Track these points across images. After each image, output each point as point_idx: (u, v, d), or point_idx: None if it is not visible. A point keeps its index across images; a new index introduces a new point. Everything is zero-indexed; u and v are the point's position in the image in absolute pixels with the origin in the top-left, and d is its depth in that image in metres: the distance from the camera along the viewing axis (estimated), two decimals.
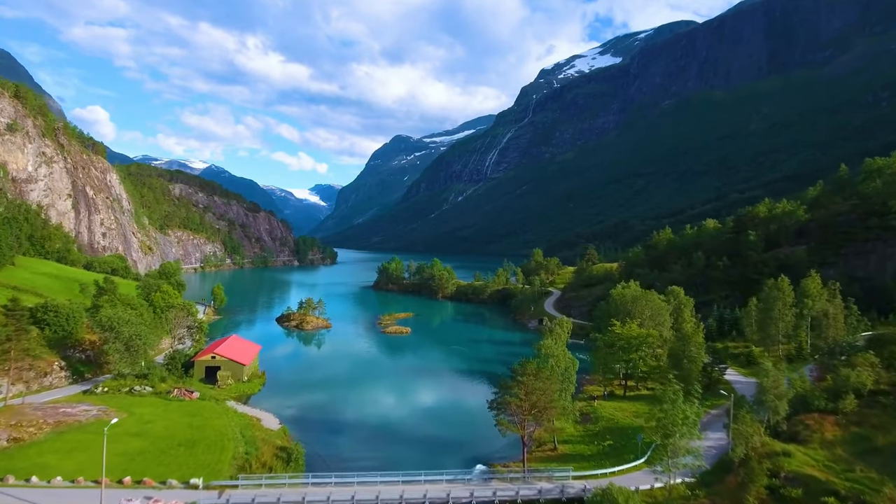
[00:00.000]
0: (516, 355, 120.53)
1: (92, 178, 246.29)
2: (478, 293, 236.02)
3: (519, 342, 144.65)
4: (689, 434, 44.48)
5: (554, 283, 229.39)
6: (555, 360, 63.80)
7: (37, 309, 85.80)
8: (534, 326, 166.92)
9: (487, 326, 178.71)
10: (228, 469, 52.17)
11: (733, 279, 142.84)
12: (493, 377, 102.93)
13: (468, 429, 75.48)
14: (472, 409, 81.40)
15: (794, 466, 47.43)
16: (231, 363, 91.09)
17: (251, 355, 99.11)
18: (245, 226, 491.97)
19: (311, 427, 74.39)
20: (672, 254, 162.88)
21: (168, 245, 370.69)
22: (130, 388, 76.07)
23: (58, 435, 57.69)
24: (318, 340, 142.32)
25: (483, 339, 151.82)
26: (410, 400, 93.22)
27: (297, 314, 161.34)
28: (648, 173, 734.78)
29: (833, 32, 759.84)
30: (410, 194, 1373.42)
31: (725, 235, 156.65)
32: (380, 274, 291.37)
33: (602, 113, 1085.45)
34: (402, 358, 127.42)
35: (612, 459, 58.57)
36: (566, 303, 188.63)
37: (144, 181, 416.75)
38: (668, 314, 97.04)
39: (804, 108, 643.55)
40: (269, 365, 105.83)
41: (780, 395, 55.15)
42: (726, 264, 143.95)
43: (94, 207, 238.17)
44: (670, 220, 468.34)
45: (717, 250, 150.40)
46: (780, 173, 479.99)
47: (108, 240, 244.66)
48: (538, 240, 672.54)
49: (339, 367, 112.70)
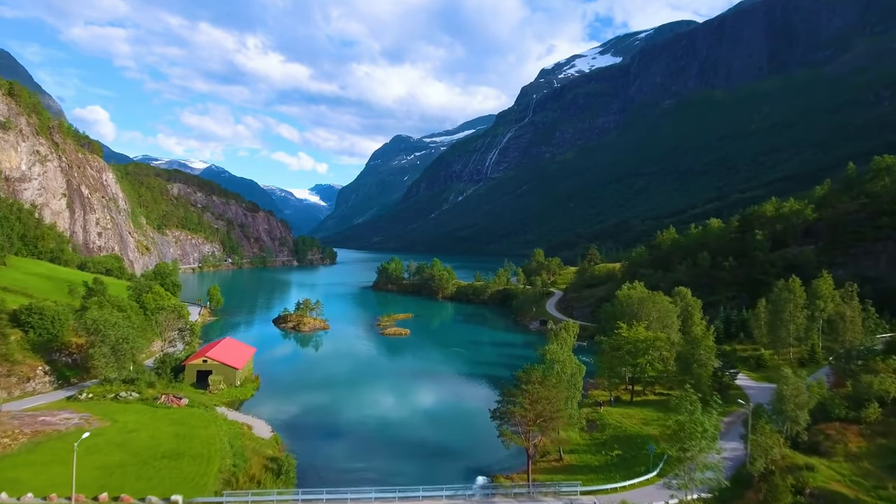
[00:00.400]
0: (518, 357, 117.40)
1: (87, 178, 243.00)
2: (478, 294, 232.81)
3: (520, 344, 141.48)
4: (707, 448, 41.23)
5: (555, 283, 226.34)
6: (560, 365, 60.54)
7: (21, 311, 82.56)
8: (535, 328, 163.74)
9: (488, 327, 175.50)
10: (214, 483, 48.90)
11: (739, 280, 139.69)
12: (494, 380, 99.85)
13: (469, 436, 72.27)
14: (474, 414, 78.15)
15: (820, 482, 44.23)
16: (223, 367, 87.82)
17: (245, 358, 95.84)
18: (244, 226, 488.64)
19: (305, 434, 71.17)
20: (676, 254, 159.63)
21: (166, 245, 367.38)
22: (116, 395, 72.80)
23: (34, 446, 54.43)
24: (314, 342, 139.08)
25: (484, 341, 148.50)
26: (409, 405, 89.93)
27: (294, 315, 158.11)
28: (649, 173, 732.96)
29: (834, 32, 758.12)
30: (410, 194, 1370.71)
31: (731, 235, 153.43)
32: (379, 274, 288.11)
33: (602, 113, 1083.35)
34: (401, 360, 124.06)
35: (621, 472, 55.29)
36: (568, 304, 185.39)
37: (142, 181, 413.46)
38: (676, 316, 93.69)
39: (805, 107, 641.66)
40: (264, 368, 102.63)
41: (800, 404, 51.89)
42: (732, 264, 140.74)
43: (90, 207, 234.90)
44: (671, 219, 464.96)
45: (723, 250, 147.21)
46: (782, 173, 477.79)
47: (104, 240, 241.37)
48: (538, 240, 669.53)
49: (336, 370, 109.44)
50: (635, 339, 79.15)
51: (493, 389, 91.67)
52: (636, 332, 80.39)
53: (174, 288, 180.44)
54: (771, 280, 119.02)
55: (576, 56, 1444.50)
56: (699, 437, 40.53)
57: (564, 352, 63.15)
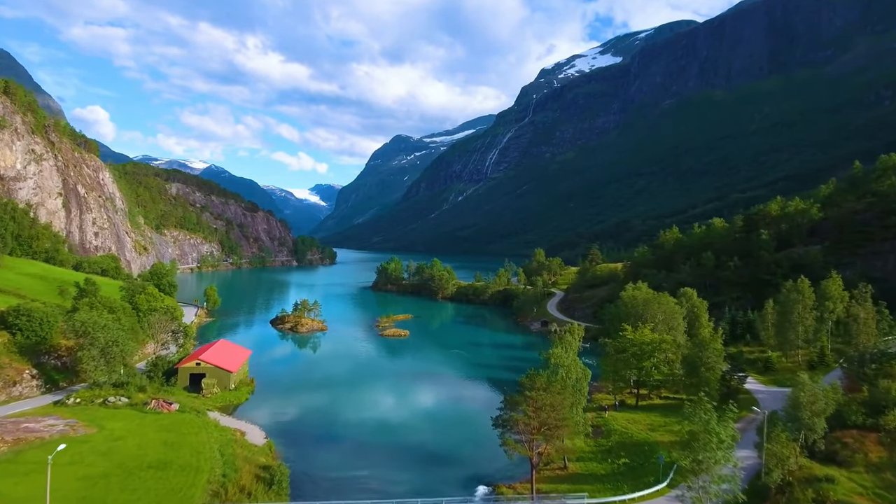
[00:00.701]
0: (519, 360, 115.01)
1: (84, 177, 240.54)
2: (478, 294, 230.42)
3: (521, 345, 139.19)
4: (723, 459, 38.83)
5: (557, 283, 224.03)
6: (565, 370, 58.14)
7: (8, 313, 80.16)
8: (536, 329, 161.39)
9: (489, 329, 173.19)
10: (201, 496, 46.51)
11: (744, 280, 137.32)
12: (496, 383, 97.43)
13: (470, 441, 69.87)
14: (475, 419, 75.71)
15: (841, 495, 41.87)
16: (217, 370, 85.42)
17: (240, 361, 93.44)
18: (243, 225, 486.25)
19: (301, 440, 68.82)
20: (680, 254, 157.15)
21: (164, 245, 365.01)
22: (104, 400, 70.39)
23: (15, 454, 52.03)
24: (312, 344, 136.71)
25: (484, 343, 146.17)
26: (408, 409, 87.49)
27: (292, 316, 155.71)
28: (649, 173, 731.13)
29: (834, 32, 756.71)
30: (410, 194, 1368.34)
31: (735, 235, 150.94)
32: (378, 275, 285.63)
33: (602, 112, 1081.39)
34: (400, 362, 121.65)
35: (629, 481, 52.93)
36: (569, 304, 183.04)
37: (141, 180, 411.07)
38: (682, 318, 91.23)
39: (805, 107, 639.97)
40: (259, 371, 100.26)
41: (817, 411, 49.49)
42: (737, 265, 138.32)
43: (86, 206, 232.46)
44: (672, 219, 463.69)
45: (727, 250, 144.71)
46: (782, 173, 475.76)
47: (101, 239, 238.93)
48: (539, 240, 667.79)
49: (333, 372, 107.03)
50: (641, 342, 76.73)
51: (495, 392, 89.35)
52: (641, 334, 77.97)
53: (170, 288, 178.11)
54: (777, 280, 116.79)
55: (576, 56, 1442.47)
56: (714, 448, 38.17)
57: (569, 356, 60.76)
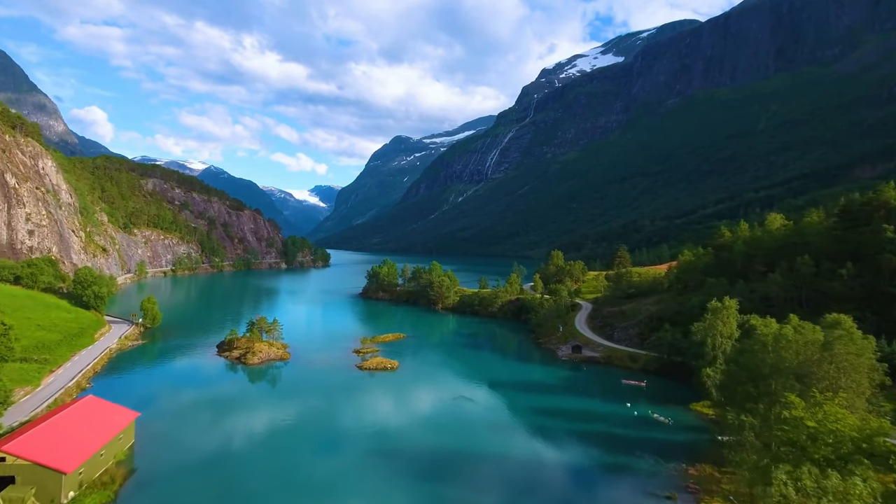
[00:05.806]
0: (562, 415, 77.01)
1: (16, 164, 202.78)
2: (486, 305, 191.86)
3: (554, 386, 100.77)
4: None
5: (580, 292, 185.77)
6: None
7: None
8: (566, 355, 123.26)
9: (501, 354, 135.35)
10: None
11: (859, 294, 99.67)
12: (530, 466, 57.32)
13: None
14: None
15: None
16: (37, 469, 47.46)
17: (101, 440, 55.26)
18: (227, 225, 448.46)
19: None
20: (757, 257, 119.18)
21: (133, 246, 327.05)
22: None
23: None
24: (261, 384, 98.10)
25: (503, 381, 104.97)
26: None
27: (244, 340, 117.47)
28: (654, 173, 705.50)
29: (842, 30, 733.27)
30: (410, 195, 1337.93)
31: (834, 231, 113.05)
32: (369, 280, 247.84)
33: (605, 112, 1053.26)
34: (377, 421, 79.61)
35: None
36: (604, 321, 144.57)
37: (111, 175, 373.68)
38: (867, 372, 53.06)
39: (814, 105, 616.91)
40: (156, 443, 62.56)
41: None
42: (850, 271, 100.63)
43: (18, 199, 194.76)
44: (682, 219, 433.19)
45: (829, 252, 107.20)
46: (795, 171, 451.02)
47: (37, 239, 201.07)
48: (542, 241, 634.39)
49: (268, 446, 68.55)
50: (832, 432, 38.79)
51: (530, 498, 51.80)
52: (833, 413, 39.92)
53: (96, 301, 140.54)
54: None
55: (577, 56, 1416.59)
56: None
57: None
